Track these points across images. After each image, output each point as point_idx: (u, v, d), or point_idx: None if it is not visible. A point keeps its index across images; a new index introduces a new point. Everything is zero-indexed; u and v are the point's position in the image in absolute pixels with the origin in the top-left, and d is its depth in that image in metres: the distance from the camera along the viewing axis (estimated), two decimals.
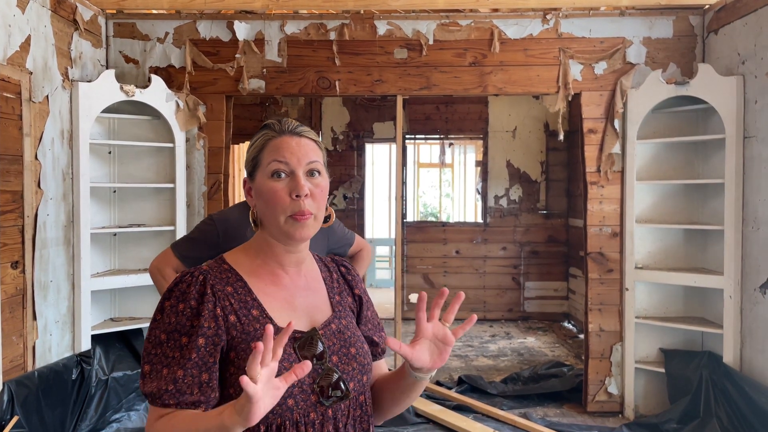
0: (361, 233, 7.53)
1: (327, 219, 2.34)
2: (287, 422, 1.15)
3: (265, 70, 4.36)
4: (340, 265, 1.41)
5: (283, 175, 1.20)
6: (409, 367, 1.21)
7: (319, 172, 1.23)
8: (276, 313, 1.21)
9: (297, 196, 1.19)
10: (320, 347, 1.20)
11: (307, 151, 1.22)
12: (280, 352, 1.00)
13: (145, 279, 3.87)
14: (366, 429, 1.27)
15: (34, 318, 3.40)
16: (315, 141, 1.26)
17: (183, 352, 1.11)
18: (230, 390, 1.14)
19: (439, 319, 1.22)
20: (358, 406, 1.25)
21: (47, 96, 3.52)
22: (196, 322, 1.13)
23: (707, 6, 4.16)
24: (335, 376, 1.20)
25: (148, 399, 1.12)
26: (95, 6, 4.11)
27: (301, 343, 1.20)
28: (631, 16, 4.27)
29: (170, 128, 4.17)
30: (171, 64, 4.35)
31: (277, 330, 1.16)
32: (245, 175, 1.30)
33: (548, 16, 4.30)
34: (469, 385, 4.75)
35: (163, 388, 1.10)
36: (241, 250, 1.28)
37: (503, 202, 7.40)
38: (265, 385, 0.97)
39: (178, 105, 4.21)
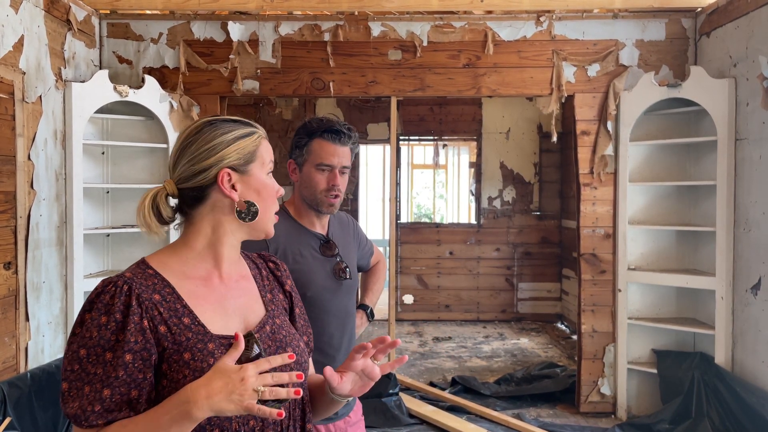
0: None
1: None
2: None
3: (259, 71, 4.36)
4: (268, 260, 1.39)
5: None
6: (329, 390, 1.22)
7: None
8: (208, 319, 1.16)
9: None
10: (256, 350, 1.13)
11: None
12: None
13: None
14: (306, 428, 1.26)
15: (27, 319, 3.38)
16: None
17: (107, 369, 1.04)
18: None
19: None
20: (297, 405, 1.25)
21: (40, 96, 3.51)
22: (121, 336, 1.06)
23: (699, 9, 4.19)
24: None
25: (71, 420, 1.03)
26: (89, 6, 4.10)
27: None
28: (623, 19, 4.29)
29: (164, 129, 4.16)
30: (165, 65, 4.34)
31: (212, 337, 1.14)
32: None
33: (542, 18, 4.31)
34: (463, 386, 4.76)
35: (88, 409, 1.03)
36: (170, 252, 1.21)
37: (497, 203, 7.42)
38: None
39: (171, 105, 4.20)
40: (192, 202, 1.22)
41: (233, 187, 1.21)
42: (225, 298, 1.21)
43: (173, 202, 1.24)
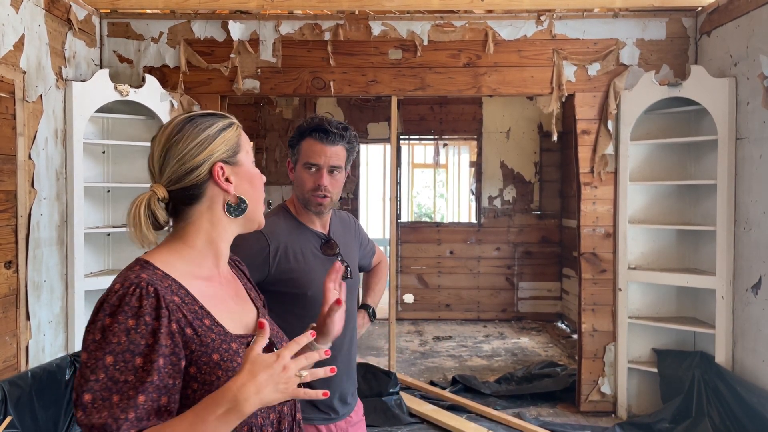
0: None
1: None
2: (254, 428, 1.14)
3: (259, 70, 4.36)
4: (233, 258, 1.39)
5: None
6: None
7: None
8: (225, 319, 1.16)
9: None
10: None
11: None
12: None
13: None
14: (296, 416, 1.30)
15: (28, 318, 3.39)
16: None
17: (139, 375, 1.00)
18: None
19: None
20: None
21: (41, 95, 3.51)
22: (151, 340, 1.02)
23: (700, 8, 4.18)
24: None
25: (97, 431, 0.97)
26: (89, 5, 4.10)
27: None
28: (624, 18, 4.29)
29: None
30: (165, 64, 4.35)
31: (233, 337, 1.15)
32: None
33: (542, 18, 4.31)
34: (463, 385, 4.76)
35: (121, 417, 0.97)
36: (170, 251, 1.17)
37: (497, 202, 7.42)
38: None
39: (172, 105, 4.20)
40: (188, 201, 1.18)
41: (228, 180, 1.20)
42: (228, 296, 1.23)
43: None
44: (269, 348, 1.18)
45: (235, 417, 0.99)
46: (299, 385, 1.05)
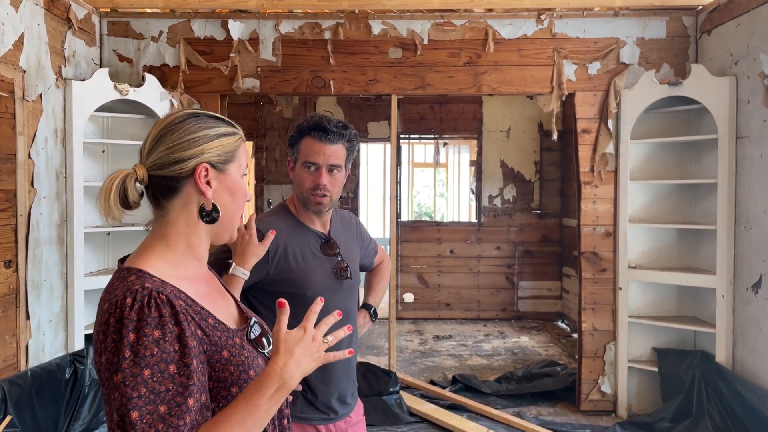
0: None
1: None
2: None
3: (259, 69, 4.36)
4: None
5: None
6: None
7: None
8: (220, 315, 1.18)
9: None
10: (258, 331, 1.26)
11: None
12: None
13: None
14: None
15: (27, 317, 3.39)
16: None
17: (180, 380, 1.02)
18: (212, 405, 1.11)
19: None
20: None
21: (41, 95, 3.51)
22: (178, 345, 1.04)
23: (700, 7, 4.18)
24: None
25: None
26: (89, 4, 4.09)
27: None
28: (624, 17, 4.28)
29: None
30: (165, 63, 4.34)
31: (235, 332, 1.18)
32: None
33: (542, 17, 4.31)
34: (463, 384, 4.76)
35: (180, 424, 1.00)
36: (154, 255, 1.16)
37: (497, 201, 7.42)
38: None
39: (172, 104, 4.20)
40: (164, 192, 1.17)
41: (208, 183, 1.18)
42: (215, 293, 1.24)
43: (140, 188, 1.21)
44: (260, 338, 1.24)
45: (284, 393, 1.07)
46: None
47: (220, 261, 1.79)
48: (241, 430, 1.03)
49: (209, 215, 1.18)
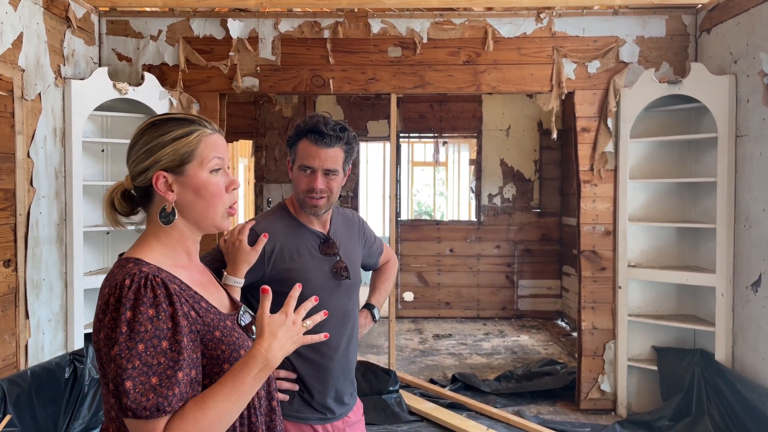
0: None
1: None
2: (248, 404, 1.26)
3: (258, 68, 4.35)
4: None
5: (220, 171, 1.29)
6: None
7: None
8: (212, 301, 1.28)
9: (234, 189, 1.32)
10: (248, 318, 1.37)
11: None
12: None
13: None
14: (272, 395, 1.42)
15: (27, 317, 3.38)
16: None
17: (171, 355, 1.12)
18: (205, 381, 1.20)
19: None
20: None
21: (40, 94, 3.51)
22: (171, 323, 1.14)
23: (700, 5, 4.18)
24: None
25: (145, 413, 1.07)
26: (88, 3, 4.09)
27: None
28: (624, 15, 4.28)
29: None
30: (164, 62, 4.34)
31: (226, 316, 1.29)
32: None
33: (542, 15, 4.31)
34: (463, 383, 4.76)
35: (169, 394, 1.09)
36: (148, 248, 1.26)
37: (497, 200, 7.42)
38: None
39: (171, 103, 4.20)
40: (143, 200, 1.29)
41: (170, 188, 1.25)
42: (207, 282, 1.34)
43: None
44: (249, 325, 1.36)
45: (267, 372, 1.17)
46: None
47: (214, 263, 1.79)
48: (228, 404, 1.13)
49: (166, 217, 1.25)
